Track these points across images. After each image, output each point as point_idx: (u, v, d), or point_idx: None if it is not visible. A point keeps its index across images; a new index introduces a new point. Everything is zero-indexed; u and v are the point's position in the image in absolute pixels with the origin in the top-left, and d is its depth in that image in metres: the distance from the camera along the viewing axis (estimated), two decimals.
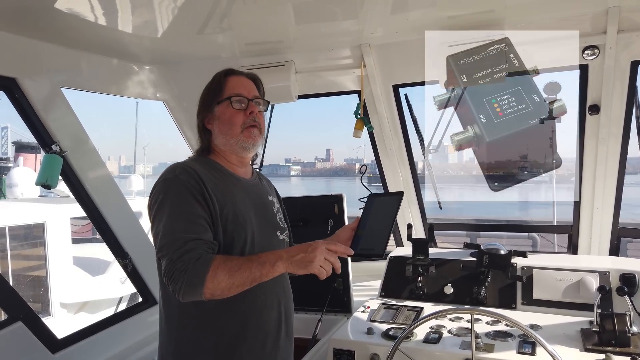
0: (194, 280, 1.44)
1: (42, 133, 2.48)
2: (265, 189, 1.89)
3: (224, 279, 1.45)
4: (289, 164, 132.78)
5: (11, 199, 9.34)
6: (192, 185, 1.57)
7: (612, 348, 1.96)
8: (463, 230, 7.00)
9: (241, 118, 1.70)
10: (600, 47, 2.33)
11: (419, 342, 2.15)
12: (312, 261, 1.45)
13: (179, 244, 1.48)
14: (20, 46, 2.30)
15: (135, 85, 3.03)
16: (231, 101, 1.70)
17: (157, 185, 1.61)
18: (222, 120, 1.71)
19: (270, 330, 1.70)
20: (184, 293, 1.45)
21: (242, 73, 1.80)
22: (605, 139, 2.53)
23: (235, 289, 1.47)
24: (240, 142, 1.70)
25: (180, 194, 1.56)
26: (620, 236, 2.80)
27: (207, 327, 1.62)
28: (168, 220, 1.52)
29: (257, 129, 1.72)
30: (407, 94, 2.93)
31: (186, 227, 1.51)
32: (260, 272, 1.48)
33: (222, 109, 1.71)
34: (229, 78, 1.75)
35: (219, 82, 1.74)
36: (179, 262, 1.46)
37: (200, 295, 1.45)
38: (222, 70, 1.79)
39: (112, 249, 2.90)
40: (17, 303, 2.29)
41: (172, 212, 1.53)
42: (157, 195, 1.59)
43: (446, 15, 2.35)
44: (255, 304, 1.66)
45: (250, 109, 1.71)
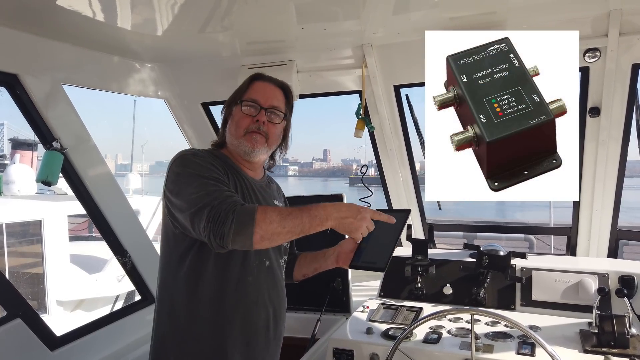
0: (245, 218, 1.41)
1: (42, 130, 2.47)
2: (273, 194, 1.89)
3: (276, 219, 1.42)
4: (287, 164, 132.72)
5: (8, 196, 9.30)
6: (210, 160, 1.63)
7: (611, 349, 1.96)
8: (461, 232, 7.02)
9: (247, 122, 1.72)
10: (601, 49, 2.34)
11: (418, 342, 2.15)
12: (358, 229, 1.50)
13: (216, 194, 1.48)
14: (22, 42, 2.29)
15: (137, 83, 3.02)
16: (242, 105, 1.73)
17: (175, 161, 1.63)
18: (232, 121, 1.77)
19: (258, 329, 1.70)
20: (234, 233, 1.40)
21: (272, 80, 1.82)
22: (605, 141, 2.54)
23: (284, 235, 1.45)
24: (241, 144, 1.72)
25: (202, 163, 1.60)
26: (619, 238, 2.81)
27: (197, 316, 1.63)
28: (196, 183, 1.52)
29: (260, 136, 1.72)
30: (408, 95, 2.94)
31: (217, 184, 1.53)
32: (310, 224, 1.46)
33: (236, 109, 1.76)
34: (255, 83, 1.79)
35: (247, 84, 1.80)
36: (224, 204, 1.43)
37: (251, 236, 1.40)
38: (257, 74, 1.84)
39: (112, 246, 2.89)
40: (15, 300, 2.28)
41: (199, 177, 1.54)
42: (178, 168, 1.61)
43: (448, 16, 2.36)
44: (246, 299, 1.67)
45: (258, 117, 1.72)
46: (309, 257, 2.00)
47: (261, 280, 1.70)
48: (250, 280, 1.66)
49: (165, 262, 1.69)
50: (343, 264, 1.81)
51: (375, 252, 1.63)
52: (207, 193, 1.49)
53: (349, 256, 1.73)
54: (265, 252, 1.70)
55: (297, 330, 2.73)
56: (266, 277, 1.72)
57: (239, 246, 1.44)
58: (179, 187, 1.57)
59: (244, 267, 1.65)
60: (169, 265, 1.68)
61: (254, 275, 1.68)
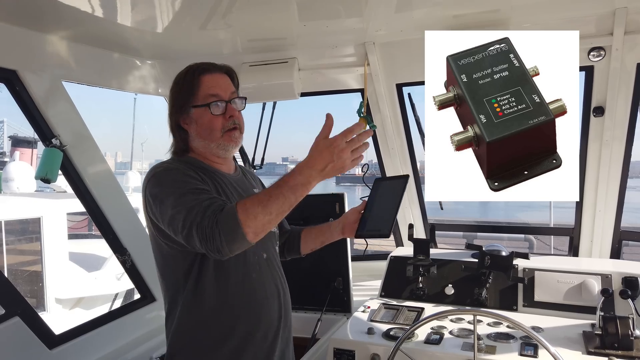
0: (229, 225, 1.34)
1: (42, 126, 2.45)
2: (250, 183, 1.86)
3: (259, 211, 1.34)
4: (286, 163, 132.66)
5: (7, 194, 9.29)
6: (186, 170, 1.55)
7: (615, 351, 1.95)
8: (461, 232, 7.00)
9: (220, 123, 1.63)
10: (606, 48, 2.32)
11: (419, 343, 2.13)
12: (346, 166, 1.38)
13: (196, 208, 1.40)
14: (22, 38, 2.27)
15: (137, 80, 3.00)
16: (210, 107, 1.61)
17: (149, 182, 1.56)
18: (201, 125, 1.64)
19: (272, 321, 1.70)
20: (227, 243, 1.34)
21: (216, 68, 1.68)
22: (609, 141, 2.52)
23: (275, 219, 1.38)
24: (222, 145, 1.66)
25: (176, 177, 1.53)
26: (622, 239, 2.80)
27: (208, 323, 1.61)
28: (175, 201, 1.46)
29: (237, 131, 1.67)
30: (410, 93, 2.93)
31: (194, 196, 1.45)
32: (295, 195, 1.37)
33: (199, 112, 1.63)
34: (204, 77, 1.64)
35: (192, 82, 1.63)
36: (206, 220, 1.36)
37: (244, 237, 1.34)
38: (193, 64, 1.67)
39: (111, 244, 2.87)
40: (14, 298, 2.26)
41: (176, 193, 1.47)
42: (154, 189, 1.54)
43: (451, 14, 2.34)
44: (255, 296, 1.66)
45: (229, 113, 1.64)
46: (314, 231, 1.98)
47: (264, 274, 1.69)
48: (255, 276, 1.65)
49: (172, 282, 1.65)
50: (349, 234, 1.82)
51: (379, 220, 1.65)
52: (187, 211, 1.41)
53: (354, 227, 1.75)
54: (260, 245, 1.65)
55: (297, 330, 2.69)
56: (267, 269, 1.72)
57: (238, 250, 1.40)
58: (161, 211, 1.50)
59: (245, 266, 1.64)
60: (176, 284, 1.63)
61: (257, 271, 1.67)
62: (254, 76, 2.82)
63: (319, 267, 2.89)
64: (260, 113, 3.38)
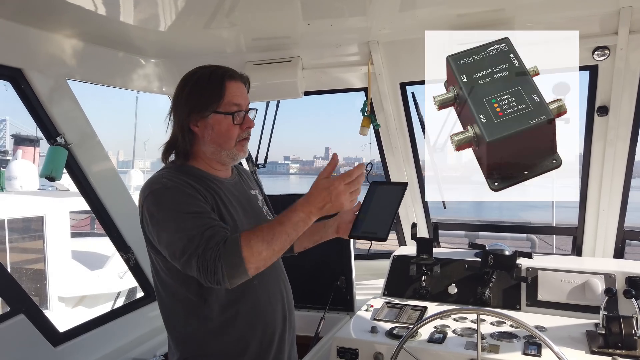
0: (232, 260, 1.37)
1: (47, 125, 2.46)
2: (247, 184, 1.86)
3: (263, 248, 1.38)
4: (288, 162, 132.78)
5: (11, 192, 9.31)
6: (184, 187, 1.52)
7: (619, 351, 1.95)
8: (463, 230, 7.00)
9: (237, 132, 1.63)
10: (610, 47, 2.32)
11: (423, 342, 2.13)
12: (342, 205, 1.44)
13: (197, 239, 1.41)
14: (27, 37, 2.28)
15: (141, 78, 3.01)
16: (234, 117, 1.60)
17: (147, 199, 1.53)
18: (217, 131, 1.61)
19: (277, 325, 1.71)
20: (229, 277, 1.37)
21: (240, 76, 1.68)
22: (613, 140, 2.51)
23: (276, 255, 1.43)
24: (232, 154, 1.66)
25: (174, 197, 1.50)
26: (625, 239, 2.79)
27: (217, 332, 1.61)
28: (174, 226, 1.45)
29: (248, 140, 1.69)
30: (413, 92, 2.92)
31: (195, 222, 1.45)
32: (296, 232, 1.43)
33: (220, 119, 1.60)
34: (230, 83, 1.62)
35: (219, 86, 1.60)
36: (208, 252, 1.38)
37: (246, 272, 1.38)
38: (216, 67, 1.65)
39: (115, 242, 2.88)
40: (19, 295, 2.28)
41: (175, 217, 1.47)
42: (151, 208, 1.52)
43: (455, 13, 2.33)
44: (259, 301, 1.66)
45: (246, 124, 1.65)
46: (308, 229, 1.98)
47: (267, 278, 1.69)
48: (256, 283, 1.63)
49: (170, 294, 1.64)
50: (343, 234, 1.81)
51: (375, 223, 1.62)
52: (188, 240, 1.41)
53: (349, 227, 1.72)
54: None
55: (300, 328, 2.70)
56: (270, 272, 1.70)
57: (238, 283, 1.42)
58: (157, 227, 1.49)
59: None
60: (174, 297, 1.63)
61: (258, 277, 1.66)
62: (257, 75, 2.82)
63: (322, 266, 2.90)
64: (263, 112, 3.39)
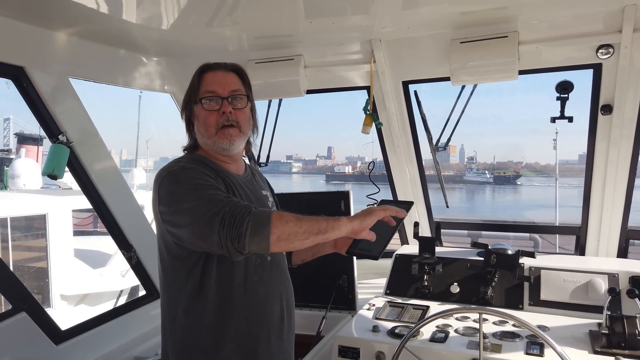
0: (261, 218, 1.39)
1: (49, 123, 2.47)
2: (259, 184, 1.87)
3: (292, 219, 1.41)
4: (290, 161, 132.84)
5: (14, 190, 9.34)
6: (202, 169, 1.57)
7: (622, 351, 1.93)
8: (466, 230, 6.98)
9: (214, 118, 1.65)
10: (614, 46, 2.30)
11: (425, 341, 2.13)
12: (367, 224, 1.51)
13: (225, 200, 1.44)
14: (29, 35, 2.28)
15: (143, 76, 3.01)
16: (201, 102, 1.66)
17: (164, 179, 1.56)
18: (199, 121, 1.68)
19: (274, 324, 1.70)
20: (251, 233, 1.37)
21: (220, 66, 1.72)
22: (617, 139, 2.50)
23: (300, 236, 1.42)
24: (217, 143, 1.66)
25: (194, 175, 1.54)
26: (629, 238, 2.78)
27: (210, 326, 1.61)
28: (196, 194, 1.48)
29: (233, 128, 1.66)
30: (416, 91, 2.91)
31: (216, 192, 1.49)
32: (327, 227, 1.45)
33: (198, 108, 1.67)
34: (205, 75, 1.70)
35: (197, 78, 1.70)
36: (238, 207, 1.41)
37: (268, 237, 1.38)
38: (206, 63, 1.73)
39: (117, 241, 2.88)
40: (21, 293, 2.28)
41: (196, 188, 1.49)
42: (170, 186, 1.54)
43: (459, 11, 2.32)
44: (257, 298, 1.65)
45: (223, 109, 1.65)
46: None
47: (266, 277, 1.69)
48: (257, 279, 1.65)
49: (171, 280, 1.65)
50: (340, 249, 1.82)
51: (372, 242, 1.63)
52: (211, 201, 1.44)
53: (347, 243, 1.73)
54: None
55: (302, 327, 2.71)
56: (271, 272, 1.71)
57: (255, 248, 1.41)
58: (177, 203, 1.50)
59: (247, 268, 1.64)
60: (175, 283, 1.64)
61: (258, 273, 1.67)
62: (259, 73, 2.81)
63: (324, 265, 2.87)
64: (265, 110, 3.39)
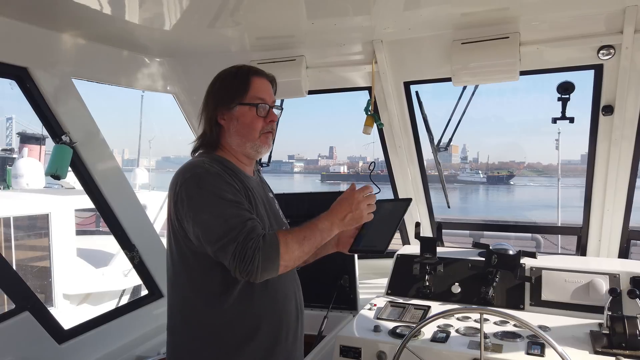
0: (270, 254, 1.46)
1: (52, 123, 2.48)
2: (266, 188, 1.90)
3: (296, 248, 1.51)
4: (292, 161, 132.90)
5: (17, 190, 9.37)
6: (224, 175, 1.59)
7: (623, 351, 1.94)
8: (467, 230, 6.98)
9: (261, 124, 1.70)
10: (616, 47, 2.30)
11: (426, 341, 2.13)
12: (362, 217, 1.61)
13: (240, 227, 1.47)
14: (33, 36, 2.29)
15: (146, 77, 3.02)
16: (257, 108, 1.68)
17: (187, 181, 1.56)
18: (242, 123, 1.69)
19: (292, 322, 1.74)
20: (262, 269, 1.45)
21: (265, 75, 1.77)
22: (618, 140, 2.50)
23: (304, 257, 1.54)
24: (257, 146, 1.71)
25: (217, 183, 1.55)
26: (630, 239, 2.78)
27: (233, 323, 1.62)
28: (215, 209, 1.51)
29: (271, 135, 1.74)
30: (417, 91, 2.92)
31: (236, 211, 1.51)
32: (322, 239, 1.57)
33: (244, 111, 1.68)
34: (255, 79, 1.71)
35: (245, 81, 1.69)
36: (249, 241, 1.45)
37: (277, 268, 1.48)
38: (243, 65, 1.75)
39: (120, 241, 2.90)
40: (24, 293, 2.30)
41: (216, 201, 1.52)
42: (191, 190, 1.55)
43: (460, 12, 2.33)
44: (277, 296, 1.68)
45: (270, 118, 1.71)
46: None
47: (283, 276, 1.68)
48: (276, 278, 1.64)
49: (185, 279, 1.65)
50: (343, 248, 1.84)
51: (375, 237, 1.68)
52: (229, 225, 1.47)
53: (349, 241, 1.79)
54: None
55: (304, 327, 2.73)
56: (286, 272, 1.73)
57: (266, 278, 1.49)
58: (194, 211, 1.52)
59: None
60: (191, 283, 1.64)
61: None
62: None
63: (325, 265, 2.87)
64: None
